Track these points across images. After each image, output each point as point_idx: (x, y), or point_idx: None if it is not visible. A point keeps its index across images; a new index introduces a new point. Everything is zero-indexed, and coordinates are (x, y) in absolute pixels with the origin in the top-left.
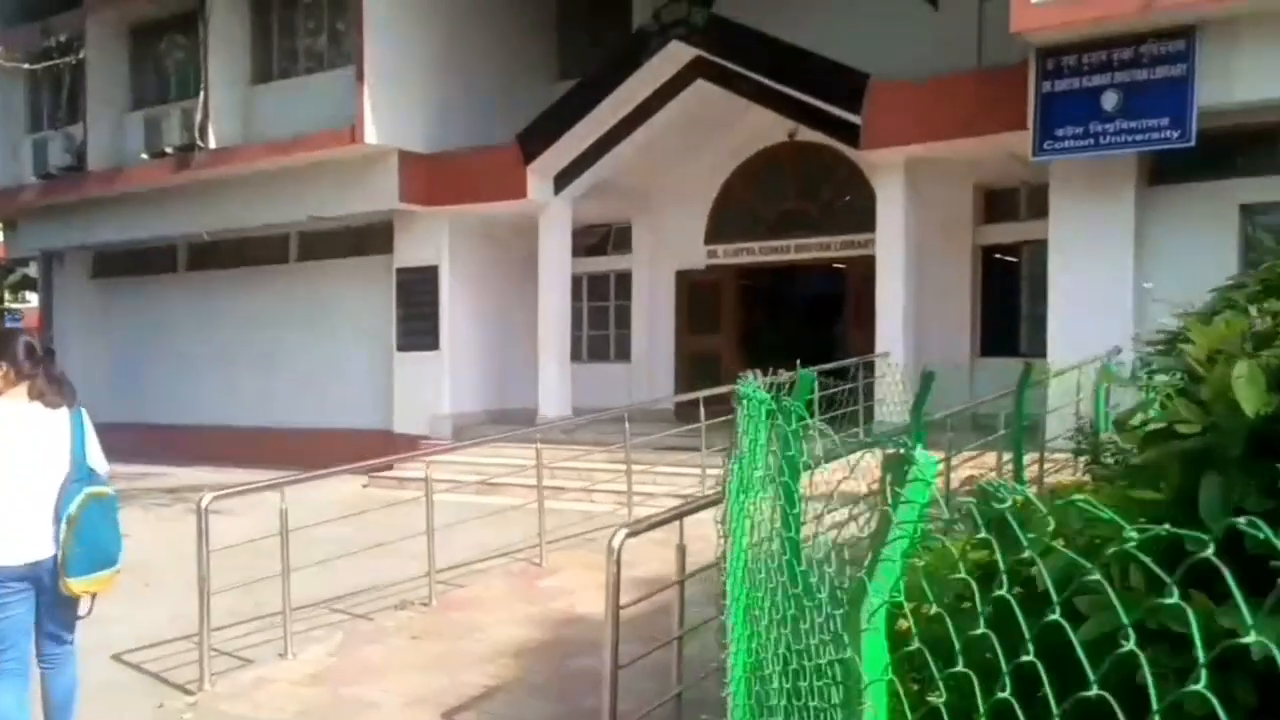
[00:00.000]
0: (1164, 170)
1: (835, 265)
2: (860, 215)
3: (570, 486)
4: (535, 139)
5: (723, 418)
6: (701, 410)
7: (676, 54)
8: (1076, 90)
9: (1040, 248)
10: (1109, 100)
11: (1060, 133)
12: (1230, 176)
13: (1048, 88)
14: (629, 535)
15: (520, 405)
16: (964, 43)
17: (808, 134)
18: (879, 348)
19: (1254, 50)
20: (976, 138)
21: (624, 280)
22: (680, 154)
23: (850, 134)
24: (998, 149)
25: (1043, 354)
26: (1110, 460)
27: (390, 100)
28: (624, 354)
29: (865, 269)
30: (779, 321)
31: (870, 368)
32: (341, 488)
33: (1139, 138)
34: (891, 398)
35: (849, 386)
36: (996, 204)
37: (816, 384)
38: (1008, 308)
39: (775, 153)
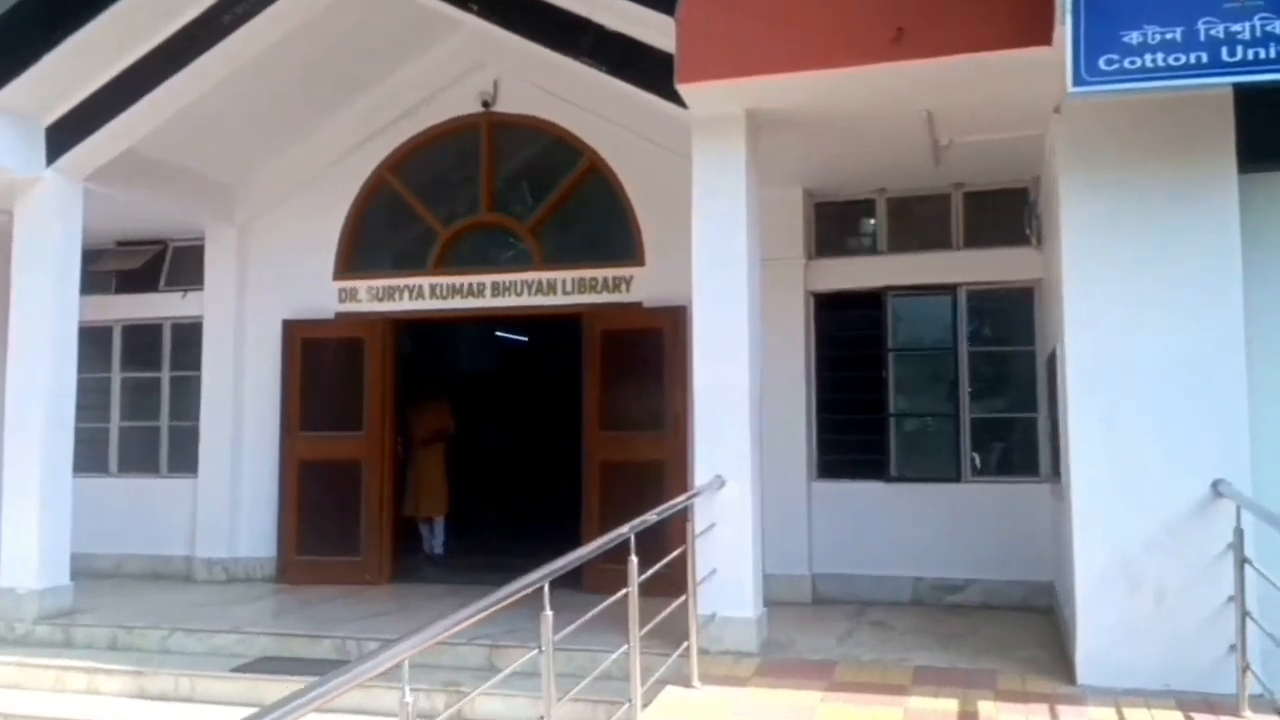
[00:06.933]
0: (1258, 143)
1: (567, 317)
2: (607, 236)
3: None
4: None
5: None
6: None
7: None
8: None
9: (914, 296)
10: None
11: (1129, 38)
12: None
13: None
14: None
15: None
16: None
17: (514, 98)
18: (699, 472)
19: None
20: (899, 64)
21: (189, 335)
22: (294, 121)
23: (644, 63)
24: (916, 95)
25: (931, 476)
26: None
27: None
28: (186, 463)
29: (615, 323)
30: (469, 412)
31: (662, 525)
32: None
33: None
34: (729, 565)
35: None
36: (834, 224)
37: None
38: (863, 397)
39: (460, 131)
